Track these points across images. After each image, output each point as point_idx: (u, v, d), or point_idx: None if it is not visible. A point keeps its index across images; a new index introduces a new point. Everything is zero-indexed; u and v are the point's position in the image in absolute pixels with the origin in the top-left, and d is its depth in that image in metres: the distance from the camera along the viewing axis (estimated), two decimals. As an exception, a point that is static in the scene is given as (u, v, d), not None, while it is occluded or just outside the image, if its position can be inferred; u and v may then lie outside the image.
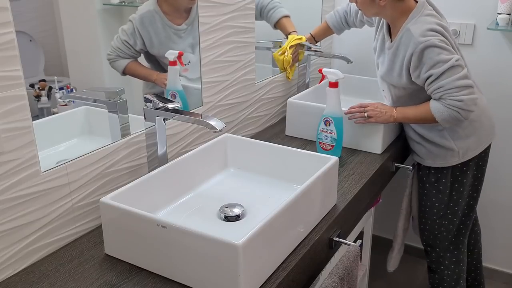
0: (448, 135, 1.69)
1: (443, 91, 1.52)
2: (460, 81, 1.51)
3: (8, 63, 0.96)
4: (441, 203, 1.79)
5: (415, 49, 1.52)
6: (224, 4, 1.55)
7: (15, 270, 1.06)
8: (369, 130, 1.68)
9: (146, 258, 1.05)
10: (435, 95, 1.55)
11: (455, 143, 1.69)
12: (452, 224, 1.81)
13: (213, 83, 1.59)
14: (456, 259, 1.86)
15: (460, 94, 1.51)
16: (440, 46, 1.51)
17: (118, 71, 1.31)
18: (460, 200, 1.78)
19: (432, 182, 1.78)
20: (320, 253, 1.23)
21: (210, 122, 1.14)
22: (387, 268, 2.03)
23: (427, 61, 1.52)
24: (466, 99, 1.51)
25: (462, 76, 1.51)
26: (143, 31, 1.33)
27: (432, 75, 1.52)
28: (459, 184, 1.76)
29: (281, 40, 1.99)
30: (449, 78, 1.51)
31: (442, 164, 1.73)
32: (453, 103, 1.52)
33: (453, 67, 1.51)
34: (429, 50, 1.51)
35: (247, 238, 0.92)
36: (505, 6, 1.93)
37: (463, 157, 1.71)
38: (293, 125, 1.84)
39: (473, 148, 1.71)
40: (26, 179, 1.05)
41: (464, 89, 1.51)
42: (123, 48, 1.30)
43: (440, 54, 1.50)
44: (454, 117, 1.54)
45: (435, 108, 1.55)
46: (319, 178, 1.20)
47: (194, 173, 1.32)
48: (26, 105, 1.01)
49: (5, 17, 0.94)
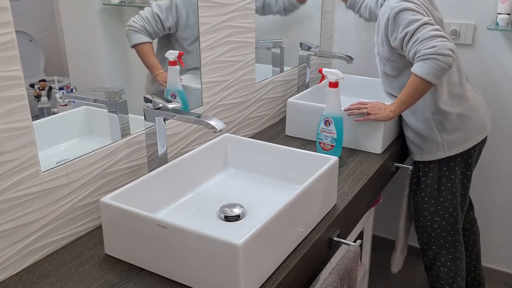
0: (435, 127, 1.71)
1: (418, 44, 1.54)
2: (432, 31, 1.52)
3: (8, 63, 0.96)
4: (431, 198, 1.80)
5: (390, 13, 1.59)
6: (224, 4, 1.55)
7: (15, 270, 1.06)
8: (369, 130, 1.68)
9: (146, 258, 1.05)
10: (412, 51, 1.56)
11: (441, 136, 1.71)
12: (444, 221, 1.81)
13: (213, 83, 1.59)
14: (452, 257, 1.86)
15: (433, 42, 1.51)
16: (413, 8, 1.56)
17: (131, 42, 1.26)
18: (450, 196, 1.78)
19: (421, 177, 1.81)
20: (320, 253, 1.23)
21: (210, 122, 1.14)
22: (391, 269, 2.03)
23: (402, 22, 1.57)
24: (440, 44, 1.50)
25: (434, 29, 1.54)
26: (181, 9, 1.27)
27: (408, 33, 1.56)
28: (447, 179, 1.77)
29: (281, 41, 1.99)
30: (422, 31, 1.54)
31: (428, 158, 1.75)
32: (427, 51, 1.51)
33: (426, 23, 1.55)
34: (403, 12, 1.57)
35: (247, 238, 0.92)
36: (505, 6, 1.93)
37: (449, 151, 1.72)
38: (293, 125, 1.84)
39: (460, 143, 1.72)
40: (26, 179, 1.05)
41: (437, 38, 1.52)
42: (152, 21, 1.24)
43: (413, 15, 1.56)
44: (436, 67, 1.51)
45: (415, 69, 1.55)
46: (319, 178, 1.20)
47: (194, 173, 1.32)
48: (26, 105, 1.01)
49: (5, 17, 0.94)
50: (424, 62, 1.52)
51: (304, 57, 2.04)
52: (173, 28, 1.29)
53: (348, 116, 1.67)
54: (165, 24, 1.27)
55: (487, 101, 2.09)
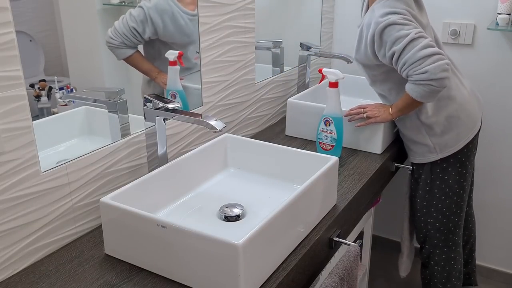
0: (424, 131, 1.69)
1: (408, 67, 1.49)
2: (421, 51, 1.46)
3: (8, 63, 0.96)
4: (423, 200, 1.79)
5: (375, 29, 1.52)
6: (224, 4, 1.55)
7: (15, 270, 1.06)
8: (369, 130, 1.68)
9: (146, 258, 1.05)
10: (403, 74, 1.53)
11: (431, 140, 1.69)
12: (438, 222, 1.80)
13: (213, 83, 1.59)
14: (447, 257, 1.85)
15: (423, 65, 1.46)
16: (398, 22, 1.49)
17: (117, 56, 1.27)
18: (443, 197, 1.76)
19: (416, 179, 1.80)
20: (320, 253, 1.23)
21: (210, 122, 1.14)
22: (399, 273, 2.00)
23: (388, 39, 1.50)
24: (431, 68, 1.46)
25: (423, 46, 1.46)
26: (156, 20, 1.28)
27: (395, 52, 1.50)
28: (440, 181, 1.74)
29: (281, 41, 1.99)
30: (409, 52, 1.47)
31: (421, 160, 1.74)
32: (419, 77, 1.48)
33: (413, 40, 1.47)
34: (389, 28, 1.50)
35: (247, 238, 0.93)
36: (505, 6, 1.93)
37: (442, 153, 1.70)
38: (293, 125, 1.84)
39: (451, 144, 1.70)
40: (26, 179, 1.05)
41: (427, 59, 1.46)
42: (129, 35, 1.25)
43: (399, 31, 1.49)
44: (429, 91, 1.49)
45: (409, 89, 1.53)
46: (319, 178, 1.20)
47: (194, 173, 1.32)
48: (26, 105, 1.01)
49: (5, 17, 0.94)
50: (416, 86, 1.50)
51: (304, 57, 2.04)
52: (153, 36, 1.32)
53: (348, 122, 1.68)
54: (144, 36, 1.29)
55: (487, 101, 2.10)
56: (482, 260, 2.39)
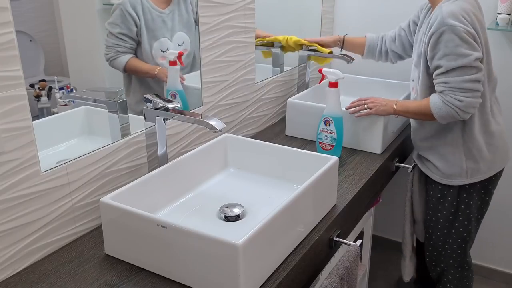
0: (463, 152, 1.63)
1: (447, 87, 1.48)
2: (468, 83, 1.46)
3: (8, 63, 0.96)
4: (446, 221, 1.73)
5: (437, 29, 1.45)
6: (224, 4, 1.55)
7: (15, 270, 1.06)
8: (369, 130, 1.68)
9: (146, 258, 1.05)
10: (438, 88, 1.51)
11: (466, 163, 1.63)
12: (455, 244, 1.76)
13: (213, 83, 1.59)
14: (460, 275, 1.82)
15: (463, 95, 1.47)
16: (462, 37, 1.43)
17: (119, 69, 1.30)
18: (466, 222, 1.72)
19: (438, 198, 1.73)
20: (320, 253, 1.23)
21: (210, 122, 1.14)
22: (403, 278, 1.98)
23: (443, 48, 1.45)
24: (467, 101, 1.47)
25: (472, 80, 1.46)
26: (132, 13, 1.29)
27: (442, 67, 1.47)
28: (465, 206, 1.70)
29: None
30: (458, 77, 1.46)
31: (448, 182, 1.67)
32: (453, 101, 1.48)
33: (466, 66, 1.45)
34: (449, 36, 1.43)
35: (247, 238, 0.92)
36: (505, 6, 1.93)
37: (471, 178, 1.65)
38: (293, 125, 1.84)
39: (483, 171, 1.65)
40: (26, 179, 1.05)
41: (468, 92, 1.47)
42: (118, 42, 1.27)
43: (458, 46, 1.43)
44: (451, 115, 1.51)
45: (434, 103, 1.52)
46: (319, 178, 1.20)
47: (194, 173, 1.32)
48: (26, 105, 1.01)
49: (5, 17, 0.94)
50: (445, 105, 1.50)
51: (304, 57, 2.04)
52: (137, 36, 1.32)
53: (350, 114, 1.66)
54: (131, 35, 1.30)
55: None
56: (482, 260, 2.39)
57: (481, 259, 2.38)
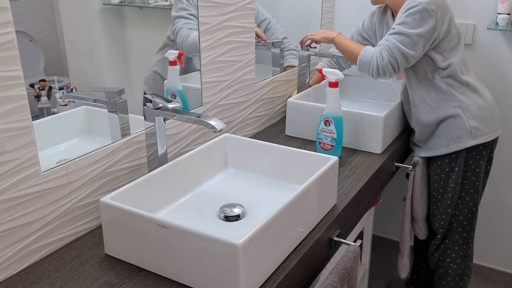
0: (462, 112, 1.72)
1: (384, 44, 1.62)
2: (398, 52, 1.60)
3: (8, 63, 0.96)
4: (454, 193, 1.79)
5: (411, 4, 1.59)
6: (224, 4, 1.55)
7: (15, 270, 1.06)
8: (369, 130, 1.68)
9: (146, 258, 1.05)
10: (380, 42, 1.65)
11: (469, 122, 1.71)
12: (462, 215, 1.81)
13: (213, 83, 1.59)
14: (464, 254, 1.86)
15: (389, 56, 1.61)
16: (424, 17, 1.57)
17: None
18: (472, 190, 1.78)
19: (447, 172, 1.79)
20: (320, 253, 1.23)
21: (210, 122, 1.14)
22: (400, 275, 2.00)
23: (404, 17, 1.60)
24: (385, 62, 1.61)
25: (404, 53, 1.59)
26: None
27: (395, 29, 1.62)
28: (471, 173, 1.76)
29: (281, 40, 1.99)
30: (397, 41, 1.60)
31: (456, 148, 1.73)
32: (379, 55, 1.62)
33: (408, 37, 1.59)
34: (416, 9, 1.57)
35: (247, 238, 0.93)
36: (505, 6, 1.93)
37: (476, 137, 1.72)
38: (293, 125, 1.84)
39: (486, 132, 1.73)
40: (26, 179, 1.05)
41: (393, 58, 1.61)
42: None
43: (416, 20, 1.58)
44: (367, 66, 1.65)
45: (366, 49, 1.67)
46: (319, 178, 1.20)
47: (194, 173, 1.32)
48: (26, 105, 1.01)
49: (5, 17, 0.94)
50: (371, 55, 1.64)
51: (304, 57, 2.04)
52: None
53: (301, 46, 1.91)
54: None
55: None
56: (482, 260, 2.39)
57: (481, 259, 2.39)
